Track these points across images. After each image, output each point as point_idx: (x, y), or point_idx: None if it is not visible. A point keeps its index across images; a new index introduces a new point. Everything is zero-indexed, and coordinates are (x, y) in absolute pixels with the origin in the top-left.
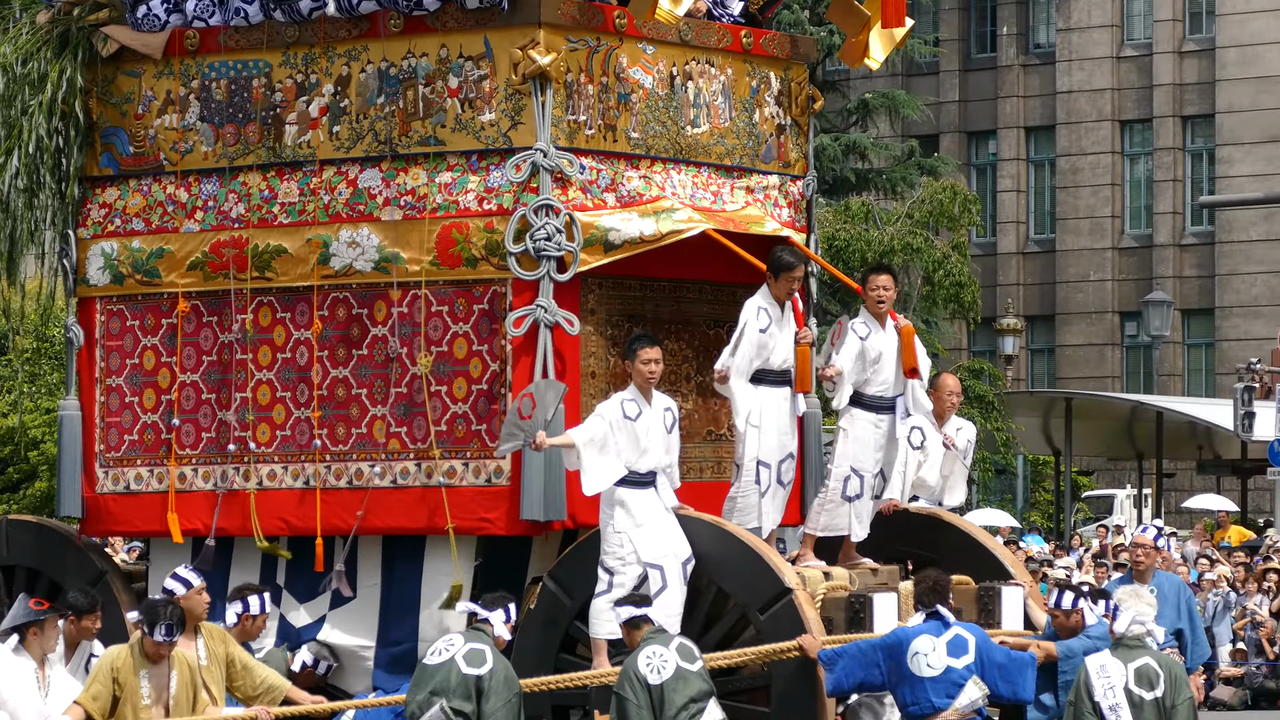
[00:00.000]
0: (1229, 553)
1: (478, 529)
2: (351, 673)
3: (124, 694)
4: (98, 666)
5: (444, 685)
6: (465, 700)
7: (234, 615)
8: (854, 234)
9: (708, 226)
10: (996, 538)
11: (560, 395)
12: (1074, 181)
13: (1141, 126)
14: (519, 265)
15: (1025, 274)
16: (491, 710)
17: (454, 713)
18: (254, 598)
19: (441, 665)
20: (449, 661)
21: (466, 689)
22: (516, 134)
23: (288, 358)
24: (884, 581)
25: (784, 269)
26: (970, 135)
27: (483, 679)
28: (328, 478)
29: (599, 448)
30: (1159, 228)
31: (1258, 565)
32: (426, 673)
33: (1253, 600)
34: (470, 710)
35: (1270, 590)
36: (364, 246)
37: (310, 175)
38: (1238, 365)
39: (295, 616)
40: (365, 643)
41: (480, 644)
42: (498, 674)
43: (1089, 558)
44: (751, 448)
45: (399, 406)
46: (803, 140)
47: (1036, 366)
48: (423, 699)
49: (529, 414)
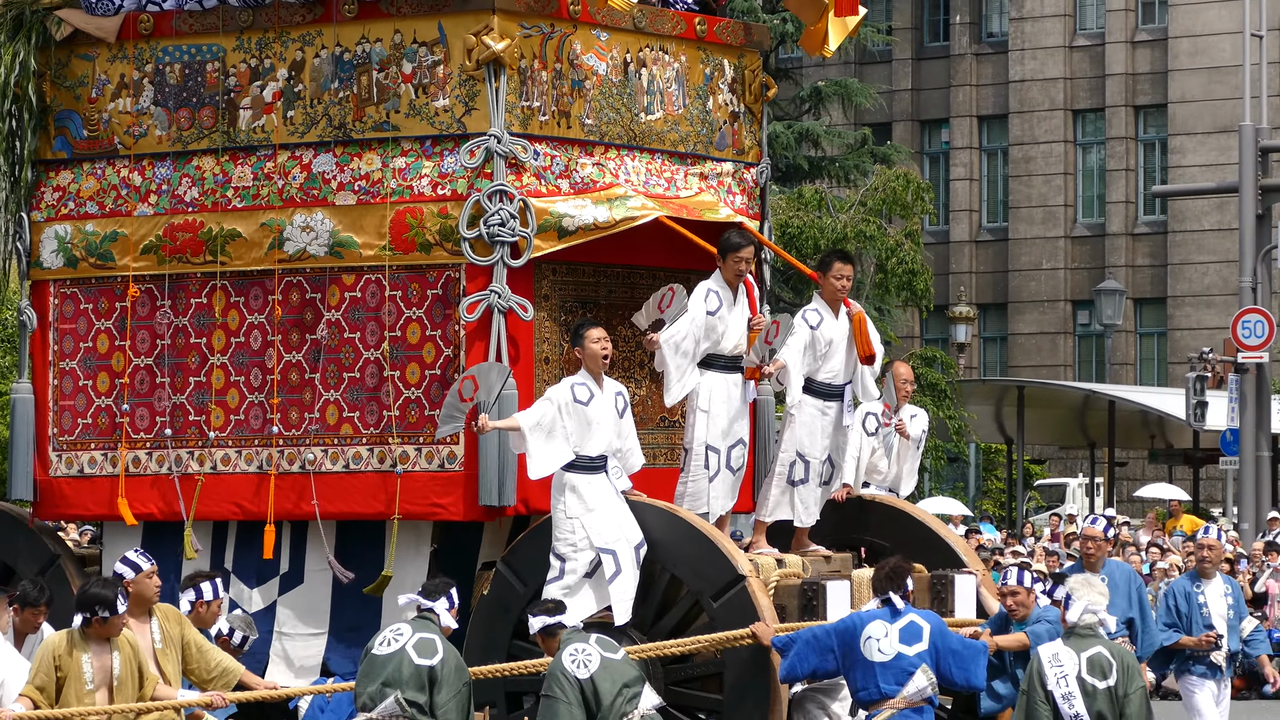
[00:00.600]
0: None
1: (431, 514)
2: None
3: (67, 679)
4: (39, 656)
5: (396, 676)
6: (419, 691)
7: (187, 603)
8: (807, 221)
9: (661, 214)
10: (950, 526)
11: (505, 377)
12: (1027, 170)
13: (1094, 116)
14: (473, 251)
15: (978, 262)
16: (444, 700)
17: (408, 704)
18: (206, 584)
19: (392, 656)
20: (399, 652)
21: (419, 680)
22: (470, 120)
23: (241, 342)
24: (837, 569)
25: (731, 249)
26: (923, 124)
27: (435, 669)
28: (281, 462)
29: (546, 432)
30: (1111, 217)
31: None
32: (377, 663)
33: None
34: (424, 701)
35: None
36: (318, 231)
37: (264, 160)
38: (1190, 355)
39: (245, 600)
40: (316, 630)
41: (429, 633)
42: (449, 663)
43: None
44: (700, 432)
45: (352, 391)
46: (756, 127)
47: (989, 355)
48: (374, 690)
49: (470, 396)
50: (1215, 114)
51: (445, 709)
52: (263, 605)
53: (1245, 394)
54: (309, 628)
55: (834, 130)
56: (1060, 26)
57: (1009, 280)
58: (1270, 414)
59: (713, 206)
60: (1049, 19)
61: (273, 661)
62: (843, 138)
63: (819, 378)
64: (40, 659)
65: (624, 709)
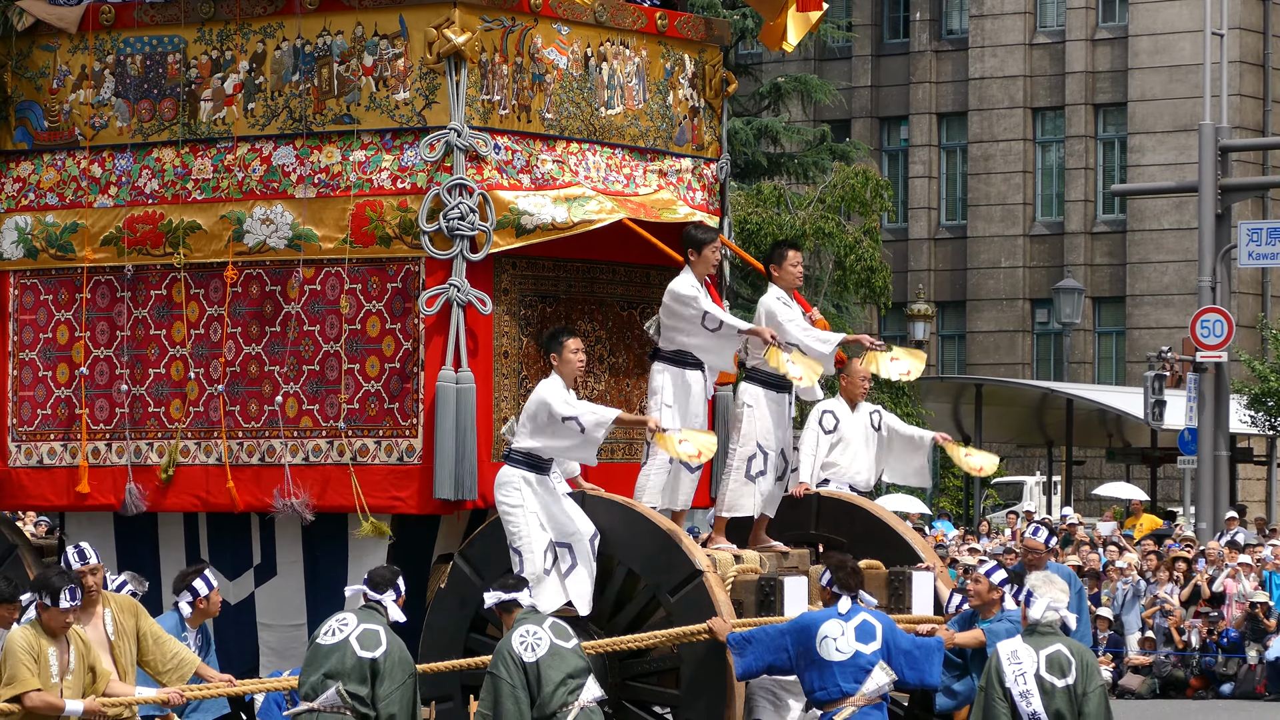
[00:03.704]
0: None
1: (389, 507)
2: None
3: (39, 673)
4: (12, 653)
5: (339, 668)
6: (360, 684)
7: (187, 606)
8: (766, 218)
9: (619, 216)
10: (907, 523)
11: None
12: (986, 168)
13: (1054, 114)
14: (432, 244)
15: (936, 260)
16: (386, 693)
17: (350, 695)
18: (199, 581)
19: (336, 646)
20: (344, 643)
21: (361, 672)
22: (431, 113)
23: (200, 334)
24: (794, 565)
25: (705, 242)
26: (882, 120)
27: (377, 661)
28: (240, 454)
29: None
30: (1070, 215)
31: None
32: (320, 653)
33: (1163, 589)
34: (365, 694)
35: (1179, 579)
36: (277, 224)
37: (225, 152)
38: (1149, 354)
39: (225, 592)
40: (296, 621)
41: (374, 624)
42: (392, 656)
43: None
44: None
45: (311, 384)
46: (716, 123)
47: (947, 352)
48: (317, 680)
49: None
50: (1175, 113)
51: (387, 701)
52: (242, 597)
53: (1204, 393)
54: (289, 619)
55: (793, 127)
56: (1020, 24)
57: (968, 278)
58: (1228, 413)
59: (670, 205)
60: (1009, 16)
61: (264, 653)
62: (802, 134)
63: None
64: (16, 656)
65: (565, 699)
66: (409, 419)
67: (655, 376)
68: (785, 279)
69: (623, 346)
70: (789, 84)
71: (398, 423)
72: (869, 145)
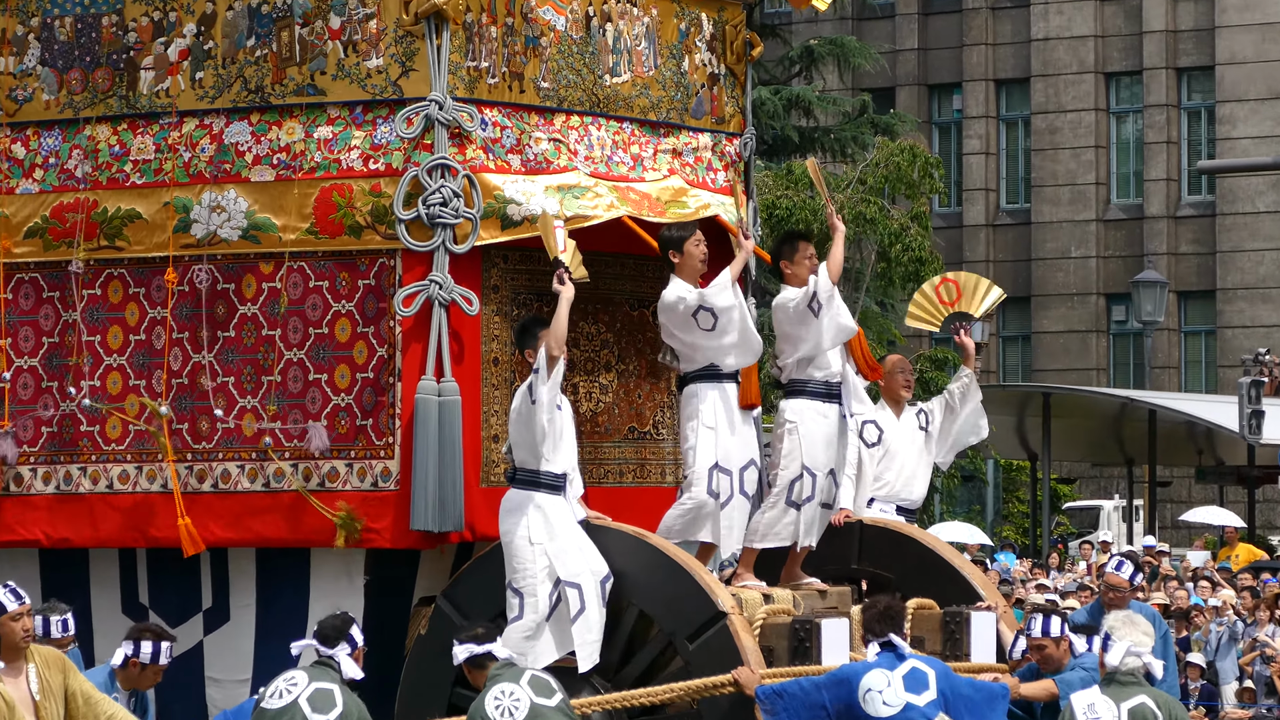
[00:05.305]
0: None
1: (364, 541)
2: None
3: None
4: None
5: None
6: None
7: (121, 656)
8: (798, 202)
9: (619, 214)
10: (964, 555)
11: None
12: (1052, 143)
13: (1130, 80)
14: (409, 234)
15: (995, 249)
16: None
17: None
18: (147, 643)
19: (284, 710)
20: (292, 706)
21: None
22: (408, 83)
23: (141, 340)
24: (834, 605)
25: (684, 239)
26: (931, 89)
27: None
28: (189, 480)
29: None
30: (1150, 197)
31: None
32: (266, 718)
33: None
34: None
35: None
36: (230, 211)
37: (168, 129)
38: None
39: None
40: (242, 676)
41: (327, 683)
42: (350, 718)
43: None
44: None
45: (272, 398)
46: (739, 93)
47: (1009, 357)
48: None
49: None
50: (1270, 77)
51: None
52: (189, 647)
53: None
54: (236, 674)
55: (828, 96)
56: None
57: (1032, 271)
58: None
59: (681, 196)
60: None
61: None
62: (838, 105)
63: (818, 376)
64: None
65: None
66: (384, 437)
67: (688, 402)
68: (797, 275)
69: (633, 350)
70: (823, 47)
71: (371, 442)
72: (916, 117)
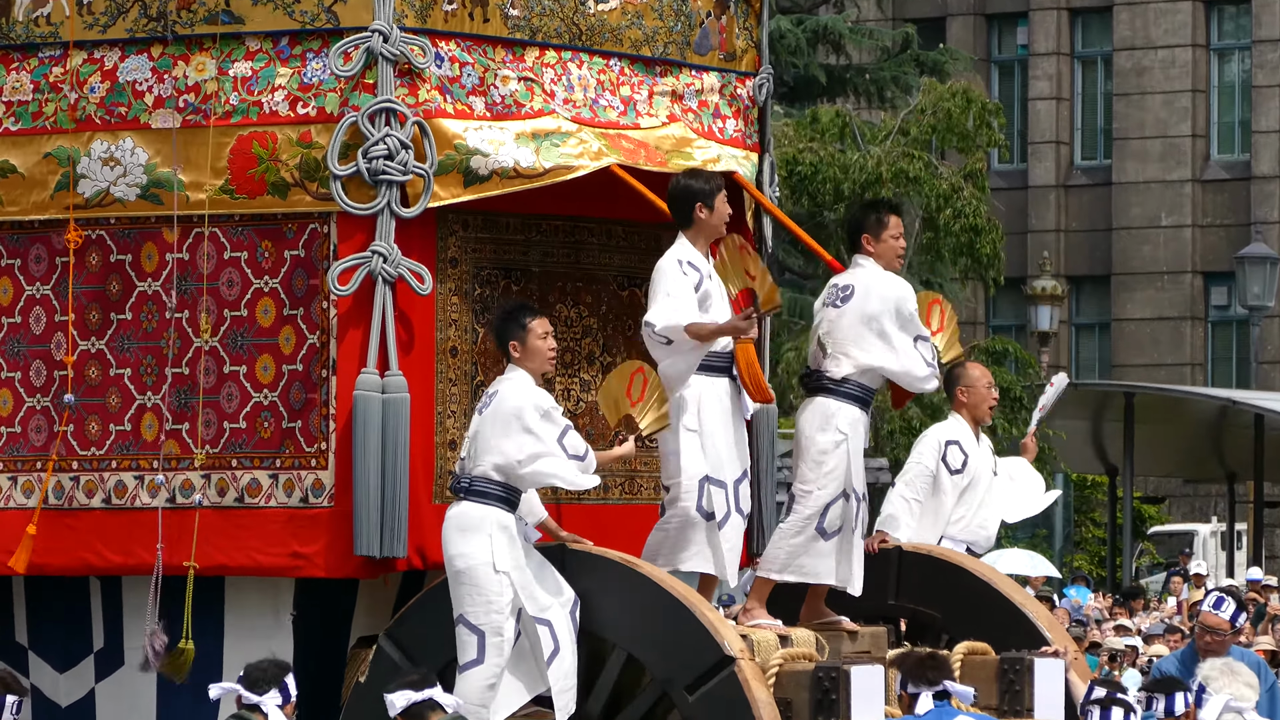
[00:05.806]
0: None
1: (290, 568)
2: None
3: None
4: None
5: None
6: None
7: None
8: (825, 157)
9: (609, 162)
10: (1026, 589)
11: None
12: (1138, 86)
13: (1234, 10)
14: (347, 194)
15: (1069, 217)
16: None
17: None
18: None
19: None
20: None
21: None
22: (345, 9)
23: (17, 323)
24: (866, 649)
25: (705, 195)
26: (990, 19)
27: None
28: (75, 494)
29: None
30: (1260, 153)
31: None
32: None
33: None
34: None
35: None
36: (127, 165)
37: (51, 64)
38: None
39: (53, 690)
40: None
41: None
42: None
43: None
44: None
45: (178, 394)
46: (753, 23)
47: (1084, 349)
48: None
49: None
50: None
51: None
52: (78, 697)
53: None
54: None
55: (863, 28)
56: None
57: (1113, 242)
58: None
59: (685, 146)
60: None
61: None
62: (876, 39)
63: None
64: None
65: None
66: (316, 443)
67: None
68: (883, 253)
69: (621, 339)
70: None
71: (300, 449)
72: (972, 54)
